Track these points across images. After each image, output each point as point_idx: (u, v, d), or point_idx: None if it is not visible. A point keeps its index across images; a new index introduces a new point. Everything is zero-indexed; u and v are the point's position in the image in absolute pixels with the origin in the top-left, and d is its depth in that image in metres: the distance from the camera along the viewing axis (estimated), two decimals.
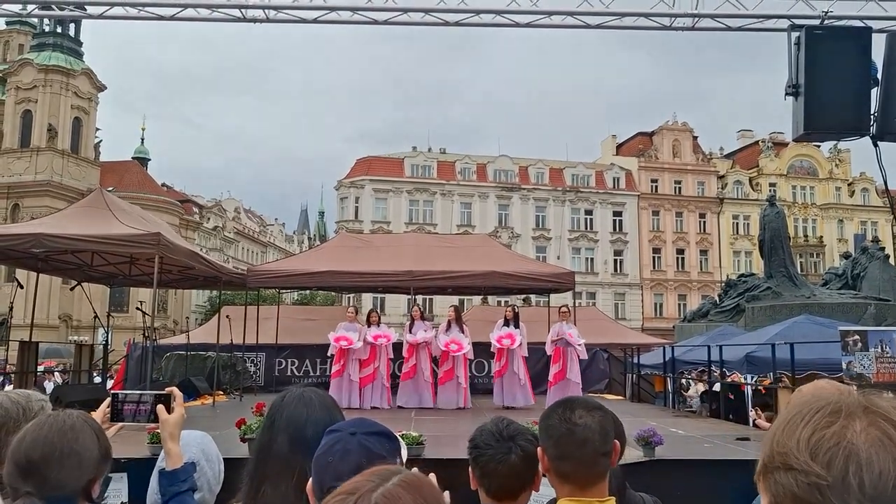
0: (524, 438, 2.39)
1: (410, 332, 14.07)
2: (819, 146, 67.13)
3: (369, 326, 14.19)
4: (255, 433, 5.64)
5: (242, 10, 9.18)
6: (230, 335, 16.16)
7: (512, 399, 13.83)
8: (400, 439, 1.97)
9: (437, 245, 18.79)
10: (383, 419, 2.10)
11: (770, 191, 63.45)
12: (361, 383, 13.89)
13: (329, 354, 14.24)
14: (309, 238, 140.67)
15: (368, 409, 13.42)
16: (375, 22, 9.34)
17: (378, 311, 16.48)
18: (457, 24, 9.29)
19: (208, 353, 17.29)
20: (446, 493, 1.52)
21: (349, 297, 56.87)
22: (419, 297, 18.20)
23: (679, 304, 64.66)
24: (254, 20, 9.19)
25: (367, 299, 57.12)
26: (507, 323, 14.01)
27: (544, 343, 14.57)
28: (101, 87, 63.83)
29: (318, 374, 17.50)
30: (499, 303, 52.74)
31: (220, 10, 9.21)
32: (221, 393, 16.06)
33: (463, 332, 13.91)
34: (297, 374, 17.80)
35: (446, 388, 13.89)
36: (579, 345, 13.75)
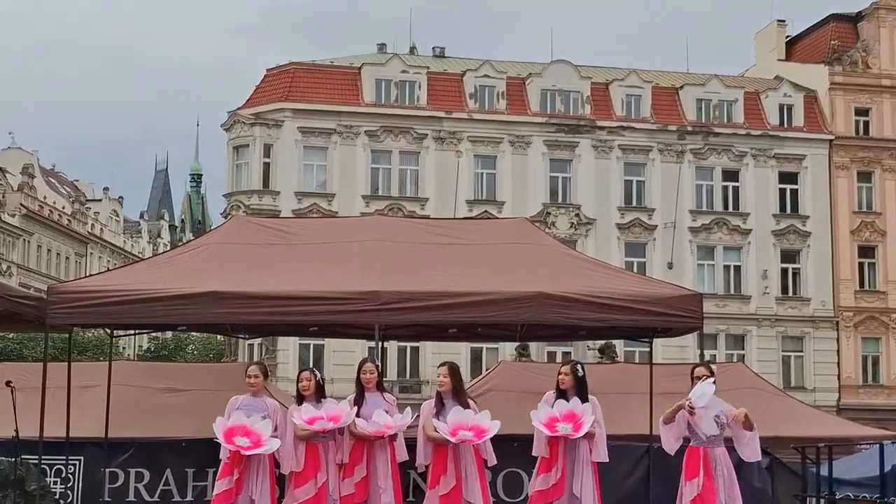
0: None
1: (358, 413, 12.88)
2: None
3: (301, 402, 13.05)
4: None
5: None
6: (14, 420, 14.20)
7: None
8: None
9: (428, 240, 16.67)
10: None
11: None
12: None
13: (223, 456, 12.92)
14: (172, 226, 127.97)
15: None
16: None
17: (311, 368, 14.24)
18: None
19: None
20: None
21: (250, 345, 49.89)
22: (391, 344, 17.78)
23: None
24: None
25: (289, 348, 51.53)
26: (561, 396, 12.83)
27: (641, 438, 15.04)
28: None
29: (189, 497, 15.85)
30: (551, 356, 44.39)
31: None
32: None
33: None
34: (147, 497, 15.83)
35: None
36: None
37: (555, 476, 12.66)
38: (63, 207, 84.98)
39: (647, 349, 18.01)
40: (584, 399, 12.94)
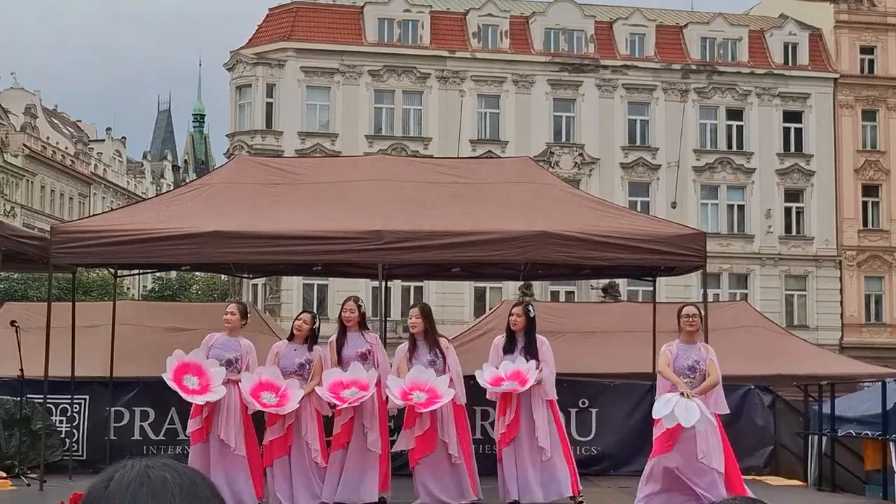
0: None
1: (340, 353, 13.04)
2: None
3: (291, 338, 13.37)
4: None
5: None
6: (19, 360, 14.92)
7: (531, 489, 12.60)
8: None
9: (431, 179, 16.89)
10: None
11: None
12: (265, 456, 12.85)
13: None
14: (175, 167, 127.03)
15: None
16: None
17: (313, 312, 14.66)
18: None
19: None
20: None
21: (254, 285, 50.20)
22: (395, 284, 18.74)
23: None
24: None
25: (293, 288, 51.34)
26: (511, 337, 13.03)
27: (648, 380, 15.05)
28: None
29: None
30: (554, 296, 44.23)
31: None
32: (4, 475, 14.92)
33: (439, 357, 12.90)
34: (152, 435, 16.41)
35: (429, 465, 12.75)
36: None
37: (509, 416, 12.76)
38: (66, 148, 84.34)
39: (651, 288, 18.18)
40: (533, 339, 12.95)
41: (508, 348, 12.85)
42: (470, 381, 13.15)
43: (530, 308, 13.30)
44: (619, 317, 20.00)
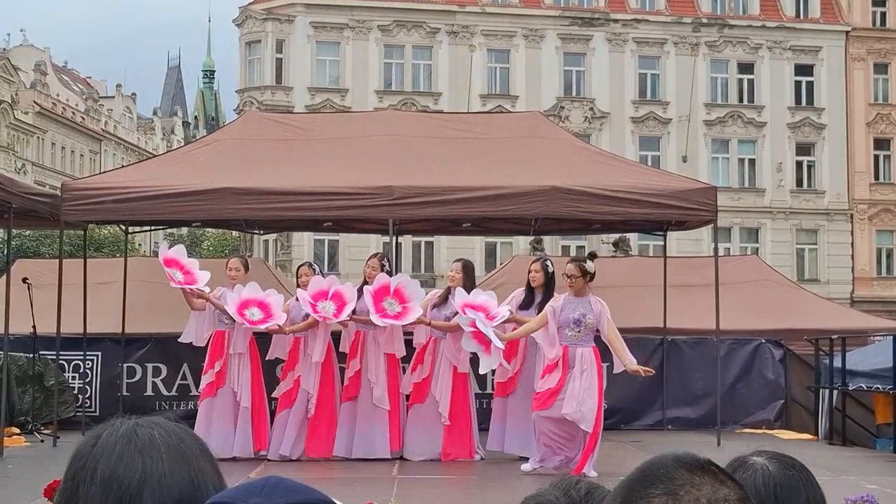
0: None
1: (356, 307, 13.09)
2: None
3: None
4: None
5: None
6: (31, 317, 15.10)
7: (528, 442, 12.36)
8: None
9: (441, 135, 16.88)
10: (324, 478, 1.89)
11: None
12: (280, 407, 13.08)
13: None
14: (185, 123, 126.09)
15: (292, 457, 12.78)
16: None
17: (321, 264, 16.88)
18: None
19: None
20: None
21: (265, 241, 49.64)
22: (406, 239, 18.10)
23: None
24: None
25: (304, 244, 51.19)
26: (529, 295, 12.96)
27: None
28: None
29: None
30: (565, 250, 44.03)
31: None
32: (17, 431, 15.12)
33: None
34: (164, 391, 16.46)
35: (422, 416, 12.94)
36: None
37: (513, 369, 12.86)
38: (76, 105, 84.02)
39: (662, 242, 18.17)
40: (551, 295, 12.73)
41: (525, 304, 12.83)
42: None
43: (548, 263, 13.26)
44: (630, 271, 19.94)
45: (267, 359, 13.55)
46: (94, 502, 1.92)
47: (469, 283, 13.13)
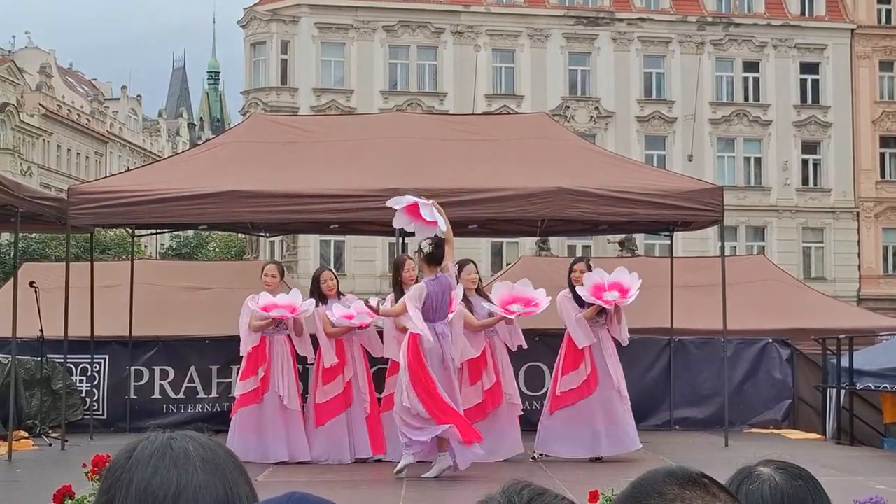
0: None
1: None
2: None
3: (319, 302, 13.10)
4: None
5: None
6: (38, 321, 15.12)
7: (598, 442, 12.64)
8: None
9: (447, 137, 16.96)
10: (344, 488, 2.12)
11: None
12: (318, 415, 12.81)
13: (243, 352, 13.19)
14: (191, 125, 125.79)
15: (337, 463, 12.56)
16: None
17: (332, 269, 15.20)
18: None
19: None
20: None
21: (271, 243, 48.83)
22: (412, 241, 16.63)
23: None
24: None
25: (310, 246, 50.64)
26: (575, 293, 12.81)
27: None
28: None
29: (213, 394, 16.47)
30: (571, 250, 43.91)
31: None
32: (25, 435, 15.03)
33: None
34: (172, 394, 16.55)
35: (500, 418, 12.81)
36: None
37: (585, 372, 12.71)
38: (81, 107, 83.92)
39: (668, 242, 18.12)
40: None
41: (578, 303, 12.84)
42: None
43: (591, 264, 13.35)
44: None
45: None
46: None
47: (480, 282, 13.33)
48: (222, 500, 1.91)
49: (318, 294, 13.26)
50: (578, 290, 12.73)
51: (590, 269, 13.04)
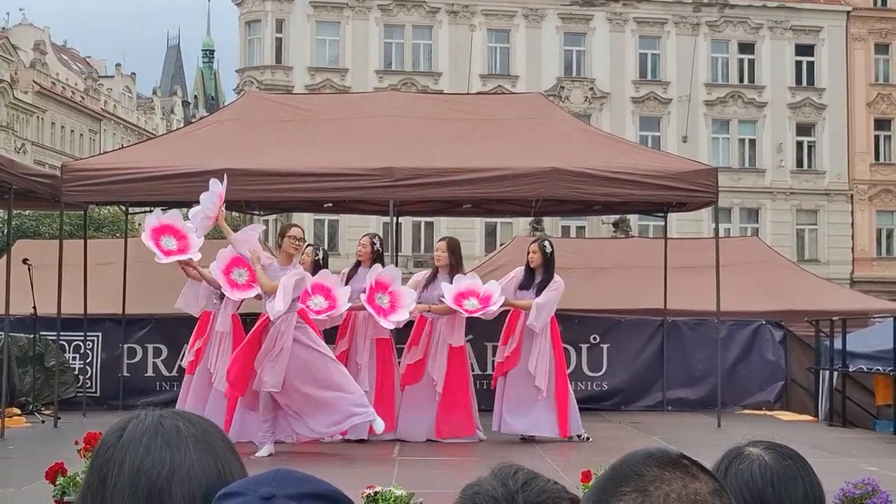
0: None
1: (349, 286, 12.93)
2: None
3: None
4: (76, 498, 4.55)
5: None
6: (31, 298, 15.07)
7: (529, 422, 12.73)
8: None
9: (441, 116, 16.87)
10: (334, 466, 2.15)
11: None
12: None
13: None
14: (185, 103, 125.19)
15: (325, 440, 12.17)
16: None
17: (322, 247, 15.20)
18: None
19: None
20: None
21: (265, 221, 47.09)
22: (406, 220, 19.47)
23: None
24: None
25: (304, 225, 47.31)
26: (528, 276, 12.99)
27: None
28: None
29: None
30: (565, 231, 43.79)
31: None
32: (18, 412, 15.05)
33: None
34: (165, 372, 16.62)
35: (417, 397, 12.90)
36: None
37: (509, 348, 12.71)
38: (76, 84, 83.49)
39: (662, 223, 18.14)
40: (549, 277, 12.85)
41: (524, 284, 12.80)
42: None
43: (546, 244, 13.28)
44: (630, 252, 19.94)
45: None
46: (123, 495, 1.93)
47: (455, 261, 13.10)
48: (215, 478, 1.90)
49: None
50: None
51: (543, 249, 12.95)
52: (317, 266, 13.23)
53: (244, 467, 1.96)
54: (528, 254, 13.00)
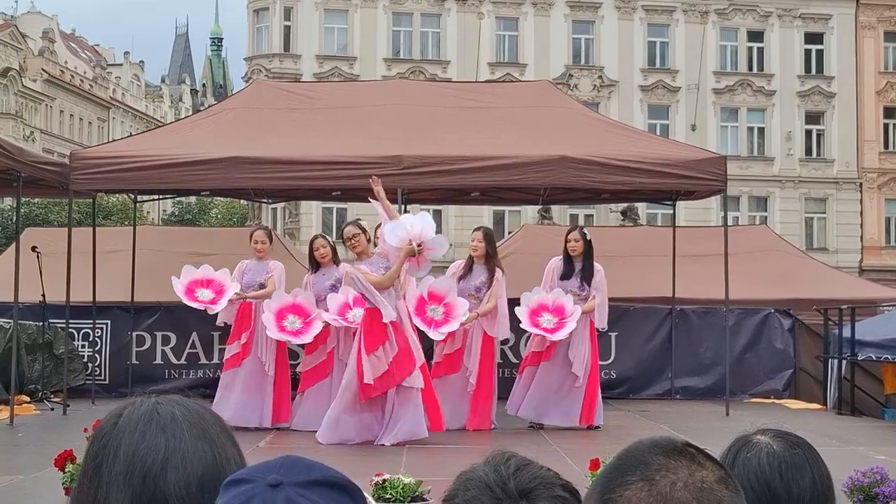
0: (548, 497, 1.94)
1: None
2: None
3: (315, 270, 13.24)
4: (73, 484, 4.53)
5: None
6: (41, 286, 15.05)
7: (544, 409, 12.80)
8: (368, 496, 1.93)
9: (450, 104, 16.84)
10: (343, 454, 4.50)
11: None
12: (301, 383, 12.87)
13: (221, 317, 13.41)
14: (193, 91, 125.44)
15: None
16: None
17: (330, 237, 14.92)
18: None
19: None
20: None
21: (273, 210, 49.36)
22: (414, 208, 17.81)
23: None
24: None
25: (312, 213, 50.58)
26: (568, 265, 12.90)
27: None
28: None
29: (215, 360, 16.23)
30: (573, 219, 43.62)
31: None
32: (27, 399, 15.17)
33: (485, 286, 12.89)
34: (174, 360, 16.61)
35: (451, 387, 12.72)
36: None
37: (548, 339, 12.67)
38: (84, 72, 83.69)
39: (670, 211, 18.10)
40: (591, 265, 12.87)
41: (566, 273, 12.78)
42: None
43: (585, 231, 13.25)
44: (639, 240, 19.86)
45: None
46: (118, 481, 1.93)
47: (491, 250, 13.10)
48: (210, 465, 1.91)
49: (313, 261, 13.23)
50: (519, 311, 12.63)
51: (584, 237, 12.92)
52: (334, 253, 13.46)
53: (242, 454, 1.96)
54: (568, 242, 12.94)
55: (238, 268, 13.17)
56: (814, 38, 55.87)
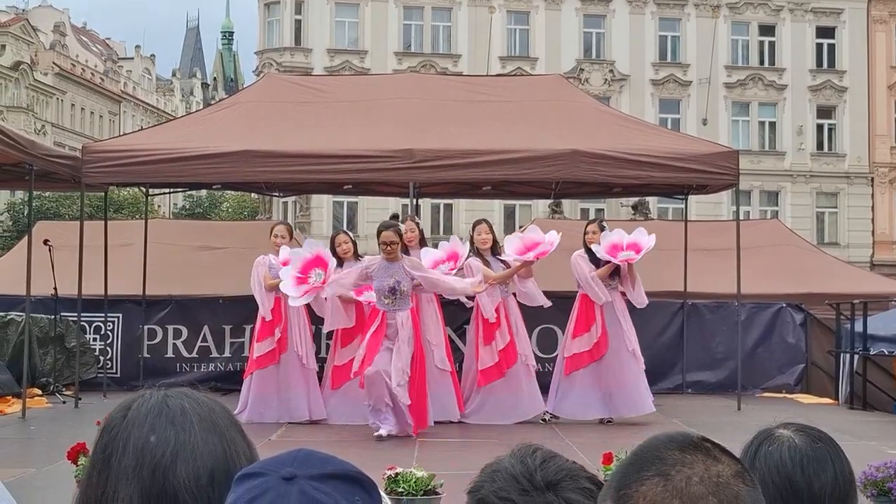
0: (574, 489, 2.00)
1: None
2: None
3: (339, 265, 12.79)
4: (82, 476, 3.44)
5: None
6: (52, 279, 15.13)
7: (637, 400, 12.75)
8: (382, 492, 1.84)
9: (461, 98, 16.76)
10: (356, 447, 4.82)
11: None
12: (334, 378, 12.81)
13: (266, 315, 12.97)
14: (205, 84, 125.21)
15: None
16: None
17: (347, 231, 14.68)
18: None
19: (9, 314, 16.30)
20: None
21: (284, 203, 49.19)
22: (425, 202, 19.08)
23: None
24: None
25: (323, 206, 50.56)
26: (593, 257, 12.88)
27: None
28: None
29: (226, 353, 16.41)
30: (584, 213, 43.46)
31: None
32: (39, 392, 15.19)
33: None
34: (185, 353, 16.58)
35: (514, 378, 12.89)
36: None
37: (595, 335, 12.67)
38: (95, 66, 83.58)
39: (681, 205, 17.96)
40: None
41: (594, 263, 12.84)
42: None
43: (603, 223, 13.38)
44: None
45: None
46: (127, 473, 1.92)
47: (495, 238, 13.29)
48: (221, 458, 1.90)
49: (335, 256, 13.12)
50: (594, 247, 12.71)
51: (602, 229, 12.97)
52: (356, 248, 13.53)
53: (252, 447, 1.95)
54: (587, 234, 13.03)
55: (258, 262, 13.10)
56: (825, 32, 55.68)
